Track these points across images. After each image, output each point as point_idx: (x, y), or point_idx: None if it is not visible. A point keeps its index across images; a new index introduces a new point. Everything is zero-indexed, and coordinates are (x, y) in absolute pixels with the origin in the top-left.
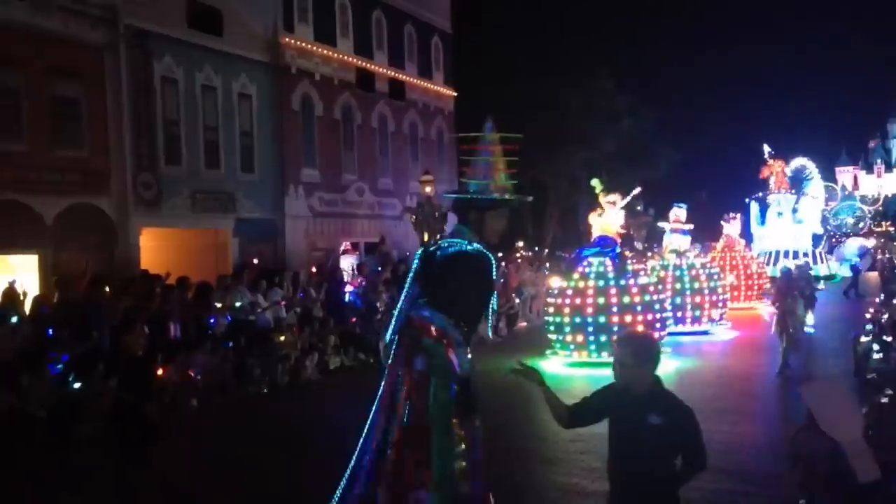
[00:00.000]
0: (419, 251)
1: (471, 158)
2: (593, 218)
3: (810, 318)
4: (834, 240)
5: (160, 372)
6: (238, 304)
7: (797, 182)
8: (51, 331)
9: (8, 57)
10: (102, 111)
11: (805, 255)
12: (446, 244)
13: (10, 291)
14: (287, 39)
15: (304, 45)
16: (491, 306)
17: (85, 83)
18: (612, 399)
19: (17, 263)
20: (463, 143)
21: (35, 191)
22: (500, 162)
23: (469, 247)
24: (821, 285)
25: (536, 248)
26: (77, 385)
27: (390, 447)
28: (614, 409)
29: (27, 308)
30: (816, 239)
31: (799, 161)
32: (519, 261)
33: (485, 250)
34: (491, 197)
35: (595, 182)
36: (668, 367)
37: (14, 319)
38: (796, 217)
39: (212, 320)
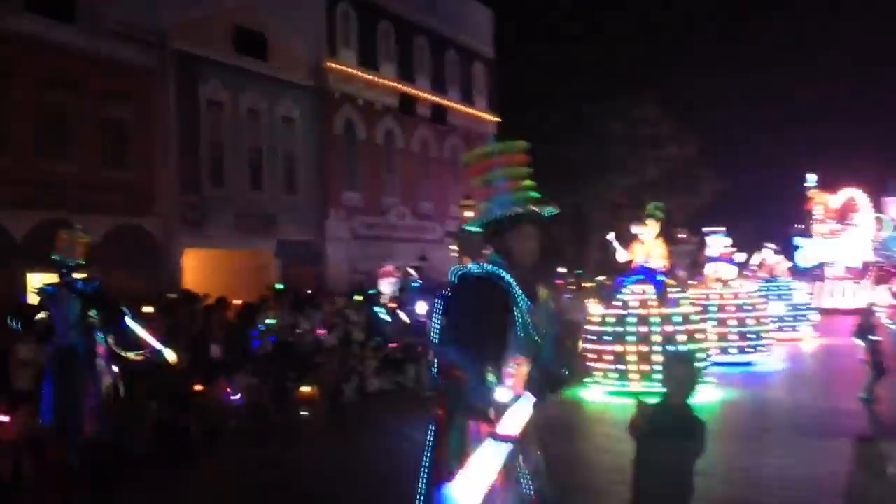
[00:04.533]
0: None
1: (479, 179)
2: (636, 248)
3: None
4: (884, 272)
5: (198, 388)
6: (270, 321)
7: (844, 214)
8: None
9: (60, 79)
10: (150, 133)
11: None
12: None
13: None
14: (331, 64)
15: (347, 70)
16: (523, 335)
17: (133, 105)
18: (658, 416)
19: None
20: (467, 165)
21: (82, 210)
22: (511, 174)
23: (475, 269)
24: None
25: (577, 273)
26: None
27: None
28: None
29: None
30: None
31: (847, 192)
32: (560, 287)
33: (495, 272)
34: (496, 216)
35: (653, 207)
36: (712, 398)
37: None
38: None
39: (256, 343)
